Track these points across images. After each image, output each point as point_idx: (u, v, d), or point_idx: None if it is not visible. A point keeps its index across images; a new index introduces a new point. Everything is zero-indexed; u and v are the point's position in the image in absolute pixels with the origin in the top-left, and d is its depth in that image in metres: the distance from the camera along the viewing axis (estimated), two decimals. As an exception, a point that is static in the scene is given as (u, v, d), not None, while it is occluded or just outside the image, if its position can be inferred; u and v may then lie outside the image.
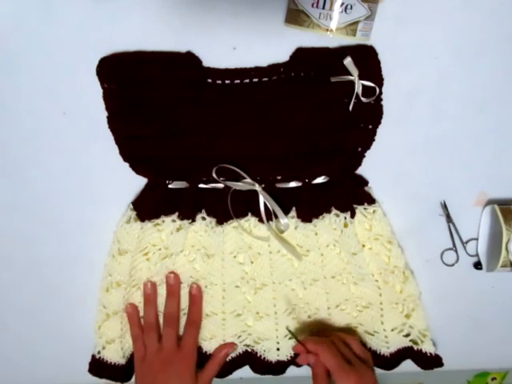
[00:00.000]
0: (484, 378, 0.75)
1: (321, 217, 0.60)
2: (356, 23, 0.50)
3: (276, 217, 0.59)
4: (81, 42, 0.55)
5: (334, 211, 0.60)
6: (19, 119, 0.58)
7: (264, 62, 0.56)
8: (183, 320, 0.63)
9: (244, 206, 0.60)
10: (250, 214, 0.60)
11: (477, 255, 0.65)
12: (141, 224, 0.60)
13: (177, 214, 0.60)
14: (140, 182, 0.60)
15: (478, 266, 0.65)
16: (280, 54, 0.56)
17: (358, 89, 0.55)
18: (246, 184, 0.59)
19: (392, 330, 0.63)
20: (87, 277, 0.64)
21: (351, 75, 0.54)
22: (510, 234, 0.59)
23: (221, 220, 0.60)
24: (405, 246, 0.64)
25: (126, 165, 0.59)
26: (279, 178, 0.60)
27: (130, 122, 0.57)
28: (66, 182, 0.61)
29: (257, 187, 0.58)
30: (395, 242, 0.62)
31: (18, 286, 0.65)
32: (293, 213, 0.60)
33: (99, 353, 0.64)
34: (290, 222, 0.60)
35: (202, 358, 0.64)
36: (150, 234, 0.60)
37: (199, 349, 0.64)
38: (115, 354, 0.64)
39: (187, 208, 0.60)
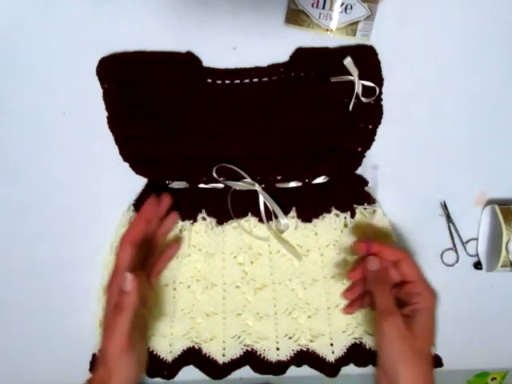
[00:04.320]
0: (484, 378, 0.75)
1: (321, 217, 0.60)
2: (356, 23, 0.50)
3: (276, 217, 0.59)
4: (81, 42, 0.55)
5: (334, 211, 0.60)
6: (19, 119, 0.58)
7: (264, 62, 0.56)
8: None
9: (244, 205, 0.60)
10: (249, 214, 0.60)
11: (477, 255, 0.65)
12: (143, 225, 0.60)
13: (178, 214, 0.60)
14: (140, 181, 0.60)
15: (477, 266, 0.65)
16: (280, 54, 0.55)
17: (358, 89, 0.55)
18: (246, 184, 0.59)
19: (392, 330, 0.63)
20: (87, 277, 0.64)
21: (351, 75, 0.54)
22: (510, 234, 0.59)
23: (221, 220, 0.60)
24: (405, 246, 0.64)
25: (126, 165, 0.59)
26: (279, 178, 0.60)
27: (130, 122, 0.57)
28: (65, 181, 0.61)
29: (257, 187, 0.59)
30: (395, 242, 0.62)
31: (17, 286, 0.65)
32: (293, 213, 0.60)
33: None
34: (290, 221, 0.60)
35: (203, 361, 0.64)
36: None
37: (198, 351, 0.64)
38: (115, 353, 0.64)
39: (188, 208, 0.60)
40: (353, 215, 0.61)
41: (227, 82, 0.56)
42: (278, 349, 0.64)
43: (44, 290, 0.65)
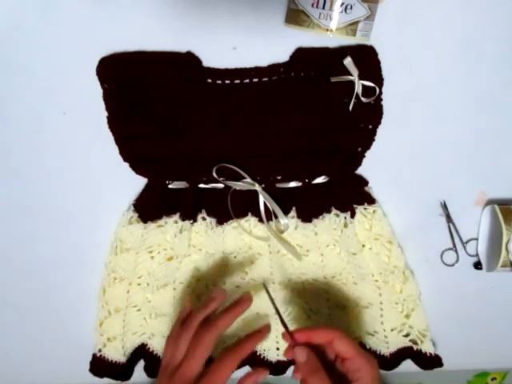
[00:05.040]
0: (484, 378, 0.75)
1: (321, 217, 0.60)
2: (356, 23, 0.50)
3: (276, 217, 0.60)
4: (81, 42, 0.55)
5: (334, 211, 0.60)
6: (19, 119, 0.58)
7: (264, 62, 0.56)
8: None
9: (244, 205, 0.60)
10: (249, 214, 0.60)
11: (477, 255, 0.65)
12: (144, 225, 0.60)
13: (178, 214, 0.60)
14: (140, 182, 0.60)
15: (478, 266, 0.65)
16: (280, 54, 0.55)
17: (358, 89, 0.55)
18: (246, 184, 0.59)
19: (392, 330, 0.63)
20: (87, 277, 0.64)
21: (351, 75, 0.54)
22: (510, 234, 0.59)
23: (221, 220, 0.60)
24: (405, 246, 0.64)
25: (126, 165, 0.59)
26: (279, 178, 0.60)
27: (130, 122, 0.57)
28: (65, 181, 0.61)
29: (257, 187, 0.59)
30: (395, 242, 0.62)
31: (18, 286, 0.65)
32: (293, 213, 0.60)
33: (100, 351, 0.64)
34: (289, 222, 0.60)
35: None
36: (155, 235, 0.60)
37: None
38: (116, 353, 0.64)
39: (188, 208, 0.60)
40: (353, 215, 0.61)
41: (227, 81, 0.56)
42: (277, 349, 0.64)
43: (44, 290, 0.66)
